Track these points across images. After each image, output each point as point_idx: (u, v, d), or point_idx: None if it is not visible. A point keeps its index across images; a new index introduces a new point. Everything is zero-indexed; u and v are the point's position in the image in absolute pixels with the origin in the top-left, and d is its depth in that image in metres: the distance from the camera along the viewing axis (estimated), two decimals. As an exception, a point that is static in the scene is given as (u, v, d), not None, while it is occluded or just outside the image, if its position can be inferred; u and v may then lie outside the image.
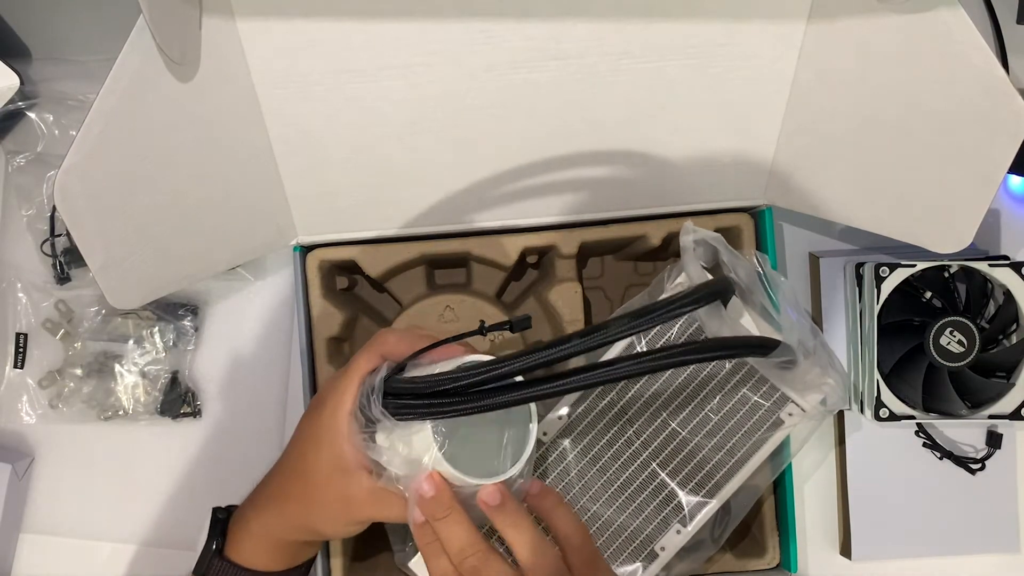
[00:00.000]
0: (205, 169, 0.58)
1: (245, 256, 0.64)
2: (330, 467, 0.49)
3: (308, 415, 0.53)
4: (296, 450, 0.52)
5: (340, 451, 0.49)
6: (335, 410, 0.49)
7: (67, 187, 0.50)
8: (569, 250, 0.65)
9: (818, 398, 0.57)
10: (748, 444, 0.57)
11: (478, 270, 0.68)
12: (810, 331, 0.56)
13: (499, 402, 0.44)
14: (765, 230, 0.65)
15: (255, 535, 0.53)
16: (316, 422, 0.51)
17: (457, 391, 0.44)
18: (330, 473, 0.49)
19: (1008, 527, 0.69)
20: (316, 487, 0.50)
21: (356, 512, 0.50)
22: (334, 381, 0.51)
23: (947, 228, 0.57)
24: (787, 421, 0.57)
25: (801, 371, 0.55)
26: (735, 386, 0.57)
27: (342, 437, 0.49)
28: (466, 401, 0.44)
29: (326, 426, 0.49)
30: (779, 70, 0.59)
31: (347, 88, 0.58)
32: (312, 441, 0.51)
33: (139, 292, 0.57)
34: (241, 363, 0.70)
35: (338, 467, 0.49)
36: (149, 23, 0.47)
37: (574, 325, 0.65)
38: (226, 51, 0.55)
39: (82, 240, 0.52)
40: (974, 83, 0.52)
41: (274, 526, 0.53)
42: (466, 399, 0.44)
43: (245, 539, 0.53)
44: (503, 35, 0.56)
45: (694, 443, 0.57)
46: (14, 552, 0.68)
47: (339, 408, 0.49)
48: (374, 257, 0.64)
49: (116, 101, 0.50)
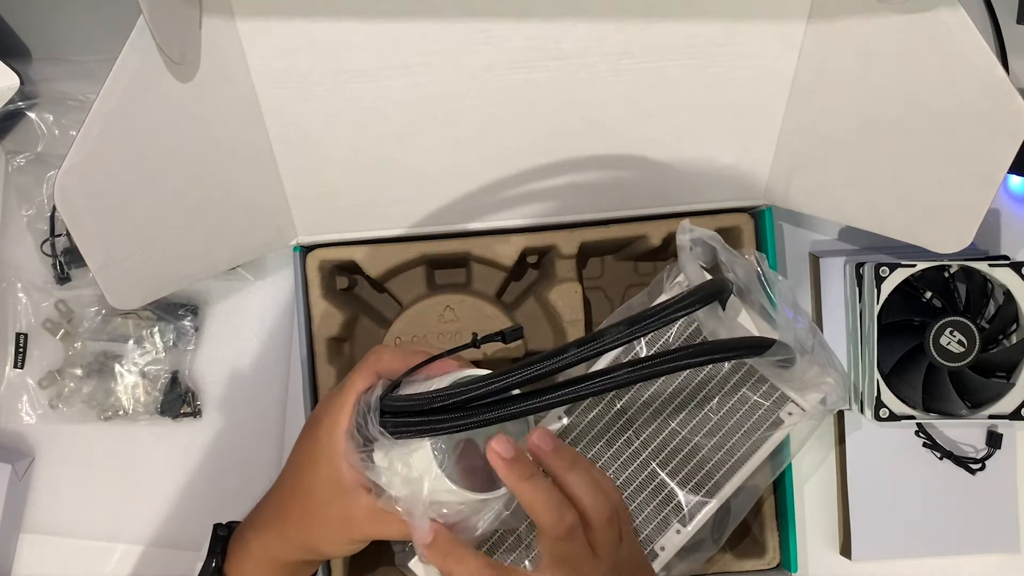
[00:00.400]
0: (205, 169, 0.58)
1: (245, 256, 0.64)
2: (328, 487, 0.49)
3: (304, 435, 0.52)
4: (294, 470, 0.52)
5: (338, 471, 0.49)
6: (331, 430, 0.49)
7: (67, 187, 0.50)
8: (569, 250, 0.65)
9: (818, 397, 0.57)
10: (748, 443, 0.57)
11: (478, 270, 0.68)
12: (809, 330, 0.56)
13: (498, 416, 0.43)
14: (765, 230, 0.65)
15: (255, 555, 0.53)
16: (313, 442, 0.50)
17: (455, 407, 0.44)
18: (329, 493, 0.49)
19: (1008, 527, 0.69)
20: (315, 507, 0.50)
21: (356, 531, 0.50)
22: (329, 400, 0.51)
23: (947, 228, 0.57)
24: (787, 420, 0.57)
25: (800, 370, 0.55)
26: (735, 385, 0.57)
27: (339, 457, 0.48)
28: (464, 416, 0.43)
29: (323, 446, 0.49)
30: (779, 70, 0.59)
31: (347, 88, 0.58)
32: (309, 461, 0.50)
33: (139, 292, 0.57)
34: (241, 363, 0.70)
35: (337, 487, 0.49)
36: (149, 23, 0.47)
37: (574, 325, 0.65)
38: (226, 51, 0.55)
39: (82, 240, 0.52)
40: (974, 83, 0.52)
41: (274, 546, 0.53)
42: (464, 414, 0.43)
43: (245, 559, 0.53)
44: (503, 35, 0.56)
45: (694, 443, 0.57)
46: (14, 552, 0.68)
47: (335, 427, 0.49)
48: (374, 257, 0.64)
49: (116, 101, 0.50)
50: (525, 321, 0.68)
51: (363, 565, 0.65)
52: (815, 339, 0.56)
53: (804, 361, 0.55)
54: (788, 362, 0.52)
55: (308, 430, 0.52)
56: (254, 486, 0.56)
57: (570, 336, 0.65)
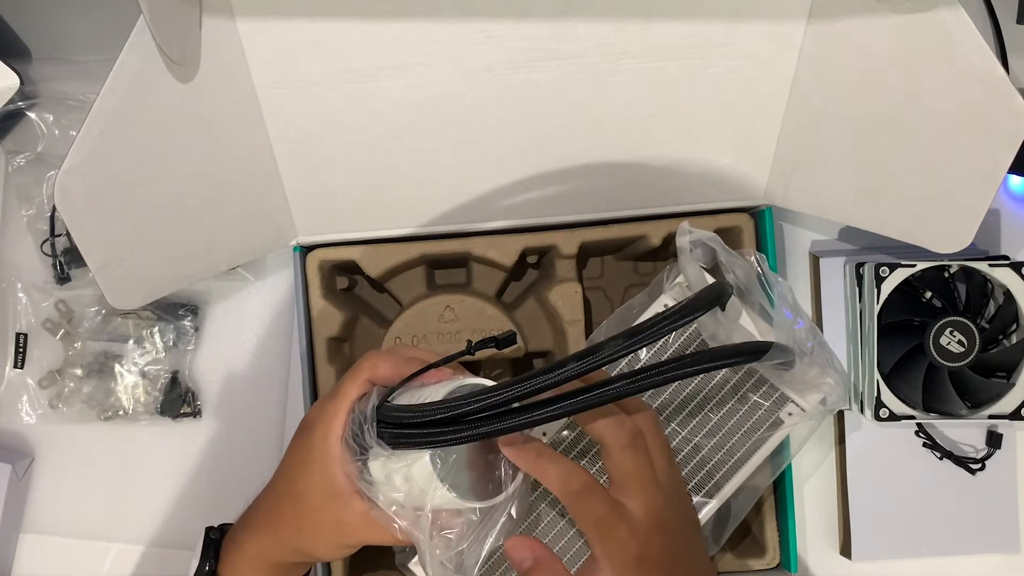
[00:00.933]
0: (205, 169, 0.58)
1: (245, 256, 0.64)
2: (322, 492, 0.49)
3: (297, 439, 0.52)
4: (287, 474, 0.52)
5: (332, 477, 0.49)
6: (325, 436, 0.49)
7: (67, 187, 0.50)
8: (569, 250, 0.65)
9: (818, 397, 0.57)
10: (748, 444, 0.57)
11: (478, 270, 0.68)
12: (809, 331, 0.56)
13: (498, 429, 0.43)
14: (765, 230, 0.65)
15: (248, 557, 0.53)
16: (306, 447, 0.50)
17: (454, 419, 0.44)
18: (323, 498, 0.49)
19: (1008, 527, 0.69)
20: (309, 512, 0.50)
21: (350, 536, 0.50)
22: (322, 405, 0.51)
23: (947, 228, 0.57)
24: (787, 421, 0.57)
25: (800, 371, 0.55)
26: (735, 386, 0.57)
27: (334, 464, 0.48)
28: (464, 429, 0.43)
29: (317, 452, 0.49)
30: (779, 70, 0.59)
31: (347, 88, 0.58)
32: (303, 466, 0.50)
33: (139, 292, 0.57)
34: (241, 363, 0.70)
35: (331, 492, 0.49)
36: (149, 23, 0.47)
37: (574, 325, 0.65)
38: (226, 51, 0.55)
39: (82, 240, 0.52)
40: (974, 83, 0.52)
41: (267, 548, 0.53)
42: (464, 427, 0.44)
43: (239, 559, 0.53)
44: (503, 35, 0.56)
45: (694, 443, 0.57)
46: (14, 552, 0.68)
47: (329, 434, 0.49)
48: (374, 257, 0.64)
49: (116, 101, 0.50)
50: (525, 321, 0.68)
51: (363, 566, 0.65)
52: (815, 340, 0.56)
53: (804, 362, 0.55)
54: (788, 364, 0.52)
55: (301, 435, 0.52)
56: (253, 486, 0.56)
57: (570, 336, 0.65)
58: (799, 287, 0.70)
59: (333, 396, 0.50)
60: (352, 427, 0.48)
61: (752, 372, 0.57)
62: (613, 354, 0.43)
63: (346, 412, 0.49)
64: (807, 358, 0.55)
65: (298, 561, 0.54)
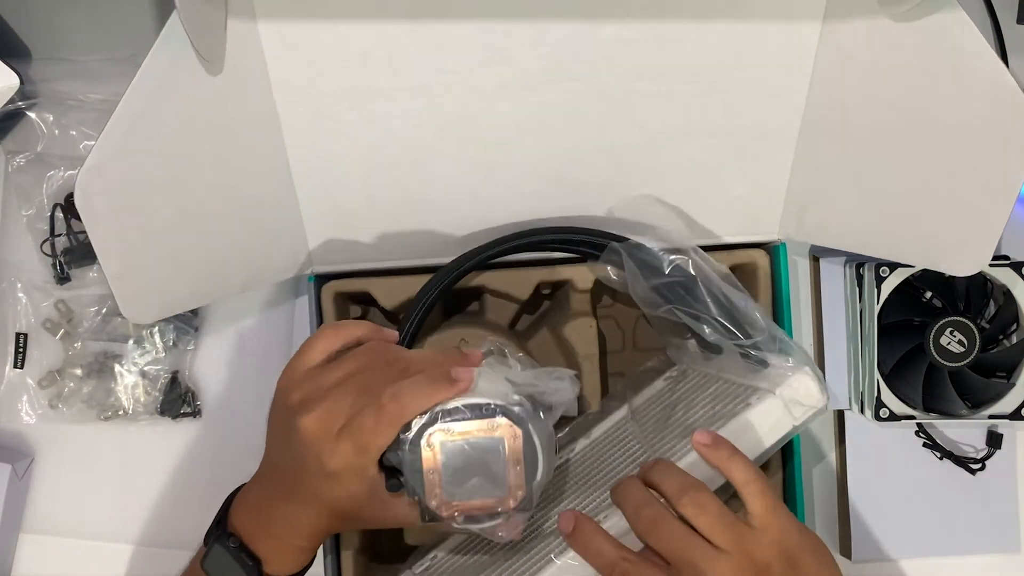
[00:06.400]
0: (224, 180, 0.57)
1: (259, 281, 0.63)
2: (358, 501, 0.49)
3: (321, 435, 0.48)
4: (306, 475, 0.49)
5: (368, 487, 0.48)
6: (364, 447, 0.47)
7: (88, 185, 0.49)
8: (584, 285, 0.63)
9: (791, 389, 0.55)
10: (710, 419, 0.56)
11: (491, 302, 0.67)
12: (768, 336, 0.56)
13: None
14: (780, 267, 0.64)
15: (257, 505, 0.53)
16: (339, 455, 0.47)
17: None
18: (358, 505, 0.49)
19: (1008, 527, 0.69)
20: (342, 511, 0.50)
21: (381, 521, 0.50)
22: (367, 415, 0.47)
23: (964, 250, 0.57)
24: (755, 404, 0.54)
25: (773, 369, 0.54)
26: (712, 394, 0.57)
27: (371, 480, 0.48)
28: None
29: (349, 462, 0.47)
30: (791, 94, 0.59)
31: (365, 107, 0.57)
32: (330, 474, 0.47)
33: (155, 306, 0.56)
34: (241, 363, 0.70)
35: (368, 501, 0.49)
36: (183, 19, 0.46)
37: (589, 360, 0.64)
38: (249, 63, 0.55)
39: (99, 242, 0.51)
40: (985, 94, 0.52)
41: (278, 508, 0.52)
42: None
43: (247, 507, 0.53)
44: (519, 56, 0.57)
45: (675, 447, 0.56)
46: (14, 552, 0.68)
47: (369, 447, 0.47)
48: (388, 290, 0.63)
49: (141, 104, 0.49)
50: (539, 351, 0.66)
51: (367, 567, 0.65)
52: (787, 339, 0.56)
53: (776, 359, 0.54)
54: (762, 363, 0.55)
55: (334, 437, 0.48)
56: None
57: (585, 371, 0.64)
58: (800, 287, 0.70)
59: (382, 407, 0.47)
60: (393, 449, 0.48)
61: (728, 381, 0.57)
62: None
63: (395, 432, 0.47)
64: (777, 356, 0.55)
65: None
